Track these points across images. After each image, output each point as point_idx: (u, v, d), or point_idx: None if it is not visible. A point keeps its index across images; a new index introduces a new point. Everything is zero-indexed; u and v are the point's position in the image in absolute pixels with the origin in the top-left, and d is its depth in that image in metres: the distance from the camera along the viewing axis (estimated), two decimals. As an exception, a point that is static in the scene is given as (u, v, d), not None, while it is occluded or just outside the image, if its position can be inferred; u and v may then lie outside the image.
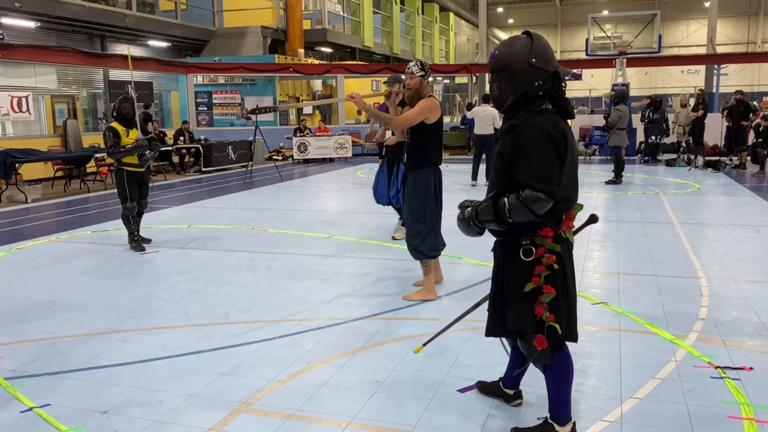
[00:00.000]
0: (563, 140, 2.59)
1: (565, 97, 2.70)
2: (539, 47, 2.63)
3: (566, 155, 2.59)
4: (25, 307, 4.99)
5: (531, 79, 2.62)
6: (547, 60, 2.62)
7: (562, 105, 2.68)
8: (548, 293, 2.61)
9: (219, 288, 5.44)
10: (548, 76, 2.62)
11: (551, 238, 2.63)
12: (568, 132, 2.64)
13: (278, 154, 18.55)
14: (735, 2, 37.77)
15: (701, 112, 15.06)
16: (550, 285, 2.61)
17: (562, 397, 2.76)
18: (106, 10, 17.37)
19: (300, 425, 3.05)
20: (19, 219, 9.35)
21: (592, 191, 11.08)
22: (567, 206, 2.68)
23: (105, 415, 3.18)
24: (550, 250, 2.62)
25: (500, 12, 42.76)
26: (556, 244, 2.63)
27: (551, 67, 2.63)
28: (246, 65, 19.18)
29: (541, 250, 2.62)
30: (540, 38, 2.67)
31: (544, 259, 2.61)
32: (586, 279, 5.54)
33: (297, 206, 10.08)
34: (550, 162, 2.56)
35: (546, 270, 2.61)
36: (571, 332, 2.70)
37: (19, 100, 13.21)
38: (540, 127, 2.58)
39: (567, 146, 2.60)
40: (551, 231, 2.62)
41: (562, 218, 2.66)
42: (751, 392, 3.28)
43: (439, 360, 3.72)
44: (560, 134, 2.59)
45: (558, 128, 2.60)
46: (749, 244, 6.76)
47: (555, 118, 2.64)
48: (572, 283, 2.72)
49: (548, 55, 2.64)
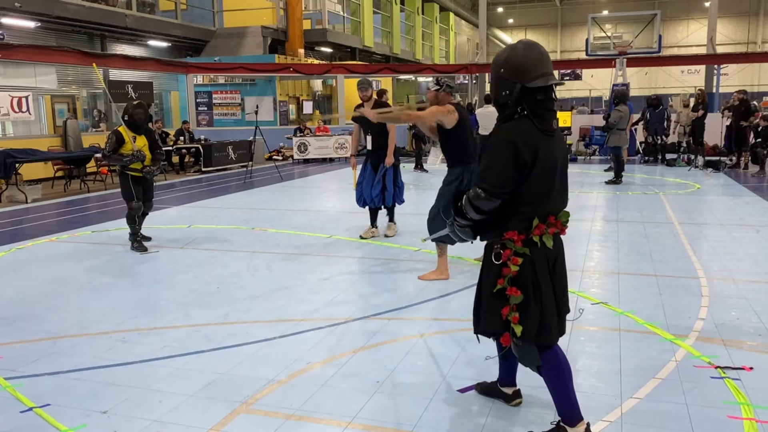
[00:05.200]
0: (531, 150, 2.64)
1: (541, 113, 2.70)
2: (515, 59, 2.69)
3: (533, 164, 2.65)
4: (25, 307, 4.99)
5: (500, 88, 2.73)
6: (518, 72, 2.66)
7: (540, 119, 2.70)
8: (513, 295, 2.69)
9: (219, 288, 5.44)
10: (517, 88, 2.66)
11: (520, 242, 2.70)
12: (543, 143, 2.68)
13: (278, 154, 18.55)
14: (735, 2, 37.77)
15: (701, 112, 15.06)
16: (516, 287, 2.69)
17: (563, 396, 2.77)
18: (106, 10, 17.37)
19: (300, 425, 3.05)
20: (19, 219, 9.36)
21: (592, 191, 11.08)
22: (539, 212, 2.73)
23: (105, 415, 3.18)
24: (516, 253, 2.70)
25: (500, 12, 42.76)
26: (526, 247, 2.70)
27: (522, 80, 2.65)
28: (246, 65, 19.18)
29: (507, 253, 2.71)
30: (526, 50, 2.71)
31: (509, 262, 2.70)
32: (586, 279, 5.54)
33: (297, 206, 10.08)
34: (500, 166, 2.65)
35: (512, 272, 2.69)
36: (546, 333, 2.73)
37: (19, 100, 13.22)
38: (506, 135, 2.68)
39: (536, 157, 2.65)
40: (517, 234, 2.70)
41: (534, 223, 2.71)
42: (751, 392, 3.28)
43: (439, 360, 3.72)
44: (528, 144, 2.64)
45: (527, 138, 2.65)
46: (749, 244, 6.76)
47: (527, 128, 2.68)
48: (548, 285, 2.75)
49: (523, 68, 2.66)
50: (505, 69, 2.70)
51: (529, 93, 2.67)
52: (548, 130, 2.71)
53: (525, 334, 2.71)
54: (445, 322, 4.47)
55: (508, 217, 2.72)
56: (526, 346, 2.75)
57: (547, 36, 45.99)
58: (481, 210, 2.71)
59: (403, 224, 7.74)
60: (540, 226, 2.73)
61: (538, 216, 2.72)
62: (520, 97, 2.68)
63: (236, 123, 19.68)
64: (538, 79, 2.66)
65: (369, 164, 7.21)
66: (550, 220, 2.76)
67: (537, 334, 2.72)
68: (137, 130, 6.85)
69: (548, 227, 2.75)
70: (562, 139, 2.90)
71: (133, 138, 6.77)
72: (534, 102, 2.69)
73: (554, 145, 2.75)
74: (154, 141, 7.06)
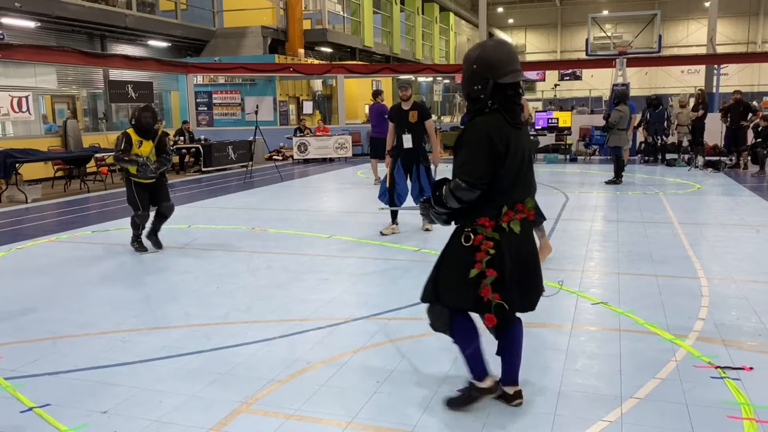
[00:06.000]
0: (504, 142, 2.84)
1: (511, 108, 2.91)
2: (487, 55, 2.88)
3: (506, 155, 2.84)
4: (25, 307, 4.98)
5: (471, 83, 2.91)
6: (491, 68, 2.85)
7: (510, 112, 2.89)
8: (491, 275, 2.88)
9: (219, 288, 5.44)
10: (489, 83, 2.84)
11: (490, 227, 2.89)
12: (513, 135, 2.87)
13: (278, 154, 18.55)
14: (735, 2, 37.79)
15: (701, 112, 15.06)
16: (492, 268, 2.88)
17: (471, 357, 3.08)
18: (106, 10, 17.37)
19: (300, 425, 3.05)
20: (19, 219, 9.35)
21: (592, 191, 11.08)
22: (508, 200, 2.91)
23: (105, 415, 3.18)
24: (488, 237, 2.88)
25: (500, 12, 42.78)
26: (495, 232, 2.89)
27: (494, 77, 2.84)
28: (246, 65, 19.17)
29: (479, 238, 2.89)
30: (496, 48, 2.91)
31: (482, 246, 2.88)
32: (586, 279, 5.54)
33: (297, 206, 10.08)
34: (478, 159, 2.84)
35: (486, 255, 2.87)
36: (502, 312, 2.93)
37: (19, 100, 13.22)
38: (480, 128, 2.87)
39: (508, 148, 2.84)
40: (488, 221, 2.89)
41: (503, 210, 2.89)
42: (751, 392, 3.28)
43: (439, 360, 3.72)
44: (501, 136, 2.84)
45: (500, 131, 2.85)
46: (749, 244, 6.76)
47: (499, 122, 2.87)
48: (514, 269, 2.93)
49: (495, 64, 2.85)
50: (478, 65, 2.87)
51: (500, 88, 2.86)
52: (517, 123, 2.92)
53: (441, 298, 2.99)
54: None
55: (482, 205, 2.90)
56: (440, 310, 3.03)
57: (547, 36, 46.01)
58: (462, 200, 2.88)
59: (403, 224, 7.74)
60: (509, 213, 2.91)
61: (507, 204, 2.91)
62: (492, 92, 2.85)
63: (236, 123, 19.67)
64: (508, 75, 2.85)
65: (401, 164, 7.34)
66: (518, 207, 2.94)
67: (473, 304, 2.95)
68: (145, 134, 6.64)
69: (516, 214, 2.92)
70: (528, 131, 3.09)
71: (139, 143, 6.59)
72: (504, 97, 2.88)
73: (522, 137, 2.96)
74: (163, 145, 6.80)
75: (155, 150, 6.70)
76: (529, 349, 3.95)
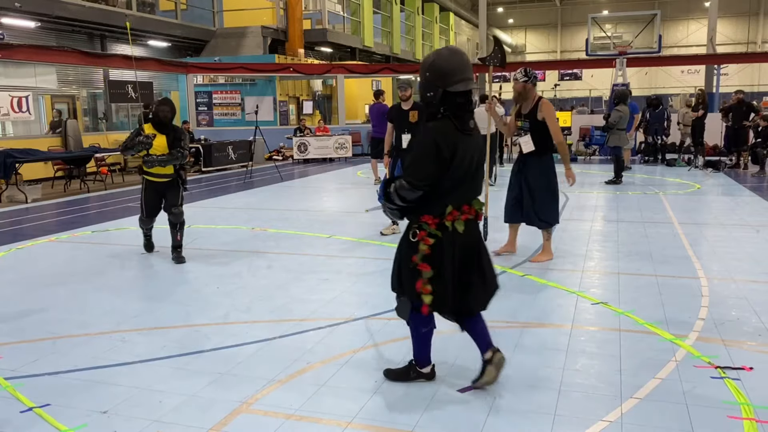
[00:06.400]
0: (450, 148, 3.00)
1: (461, 115, 3.05)
2: (439, 64, 3.02)
3: (453, 159, 3.01)
4: (25, 307, 4.99)
5: (425, 90, 3.07)
6: (442, 76, 3.00)
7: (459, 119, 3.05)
8: (424, 270, 3.08)
9: (219, 288, 5.44)
10: (439, 91, 3.00)
11: (434, 225, 3.08)
12: (461, 142, 3.04)
13: (278, 154, 18.55)
14: (735, 2, 37.78)
15: (701, 112, 15.06)
16: (427, 264, 3.07)
17: (419, 345, 3.35)
18: (106, 10, 17.37)
19: (300, 425, 3.05)
20: (19, 219, 9.36)
21: (592, 191, 11.08)
22: (454, 201, 3.09)
23: (105, 415, 3.18)
24: (430, 234, 3.08)
25: (500, 12, 42.77)
26: (438, 231, 3.07)
27: (444, 85, 2.99)
28: (246, 65, 19.17)
29: (422, 234, 3.09)
30: (449, 57, 3.04)
31: (423, 242, 3.08)
32: (586, 279, 5.54)
33: (297, 206, 10.08)
34: (423, 162, 3.02)
35: (425, 251, 3.08)
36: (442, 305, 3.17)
37: (19, 100, 13.21)
38: (429, 134, 3.04)
39: (455, 153, 3.01)
40: (432, 218, 3.07)
41: (447, 210, 3.07)
42: (751, 392, 3.28)
43: (439, 360, 3.72)
44: (447, 142, 3.00)
45: (447, 136, 3.01)
46: (749, 244, 6.76)
47: (447, 127, 3.03)
48: (451, 265, 3.11)
49: (446, 72, 2.99)
50: (431, 73, 3.03)
51: (450, 96, 3.01)
52: (466, 130, 3.07)
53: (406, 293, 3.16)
54: (444, 321, 4.45)
55: (428, 203, 3.09)
56: (405, 301, 3.21)
57: (547, 36, 45.99)
58: (405, 199, 3.08)
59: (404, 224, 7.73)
60: (453, 213, 3.08)
61: (452, 204, 3.08)
62: (442, 99, 3.01)
63: (236, 123, 19.67)
64: (458, 84, 3.00)
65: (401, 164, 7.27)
66: (464, 208, 3.12)
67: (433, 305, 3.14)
68: (162, 128, 6.31)
69: (461, 214, 3.10)
70: (479, 137, 3.21)
71: (153, 136, 6.25)
72: (454, 104, 3.03)
73: (472, 142, 3.11)
74: (177, 140, 6.36)
75: (169, 146, 6.33)
76: (529, 349, 3.96)
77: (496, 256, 6.31)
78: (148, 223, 6.58)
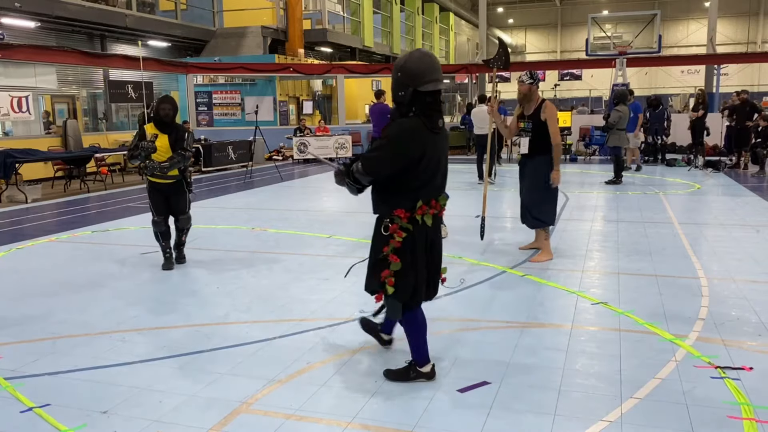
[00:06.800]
0: (419, 146, 3.15)
1: (430, 114, 3.20)
2: (410, 65, 3.17)
3: (422, 157, 3.16)
4: (25, 308, 4.99)
5: (396, 89, 3.22)
6: (413, 77, 3.15)
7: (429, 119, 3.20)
8: (393, 262, 3.23)
9: (219, 288, 5.44)
10: (409, 90, 3.15)
11: (405, 219, 3.23)
12: (430, 140, 3.19)
13: (278, 154, 18.55)
14: (735, 2, 37.78)
15: (701, 112, 15.06)
16: (397, 256, 3.23)
17: (416, 343, 3.43)
18: (106, 10, 17.36)
19: (300, 425, 3.05)
20: (19, 219, 9.35)
21: (592, 191, 11.08)
22: (424, 196, 3.24)
23: (105, 415, 3.18)
24: (401, 227, 3.23)
25: (500, 12, 42.76)
26: (409, 224, 3.23)
27: (414, 84, 3.14)
28: (246, 65, 19.17)
29: (394, 227, 3.23)
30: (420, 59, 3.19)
31: (395, 235, 3.23)
32: (586, 279, 5.54)
33: (297, 206, 10.08)
34: (384, 154, 3.17)
35: (395, 243, 3.23)
36: (417, 296, 3.34)
37: (19, 100, 13.21)
38: (396, 129, 3.19)
39: (425, 151, 3.17)
40: (403, 213, 3.22)
41: (417, 205, 3.22)
42: (751, 392, 3.28)
43: (439, 360, 3.72)
44: (416, 140, 3.15)
45: (416, 134, 3.16)
46: (749, 244, 6.76)
47: (417, 126, 3.17)
48: (423, 257, 3.32)
49: (417, 73, 3.14)
50: (402, 73, 3.18)
51: (420, 95, 3.16)
52: (435, 128, 3.22)
53: (396, 295, 3.28)
54: (444, 322, 4.47)
55: (399, 198, 3.24)
56: (395, 302, 3.32)
57: (547, 36, 46.00)
58: (359, 181, 3.26)
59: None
60: (423, 207, 3.25)
61: (422, 199, 3.24)
62: (412, 98, 3.16)
63: (236, 123, 19.67)
64: (428, 84, 3.15)
65: None
66: (432, 203, 3.29)
67: (411, 296, 3.31)
68: (165, 128, 5.98)
69: (429, 209, 3.27)
70: (447, 136, 3.38)
71: (153, 137, 5.93)
72: (424, 103, 3.18)
73: (440, 141, 3.27)
74: (180, 140, 6.04)
75: (171, 146, 5.98)
76: (529, 349, 3.96)
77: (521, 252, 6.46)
78: (162, 225, 6.15)
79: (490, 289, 5.27)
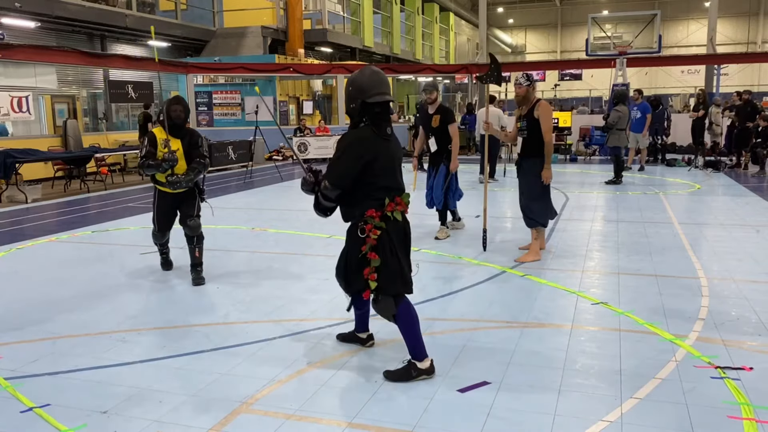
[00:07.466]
0: (371, 152, 3.42)
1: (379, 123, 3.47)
2: (360, 80, 3.48)
3: (374, 161, 3.41)
4: (25, 307, 4.99)
5: (348, 102, 3.53)
6: (362, 91, 3.45)
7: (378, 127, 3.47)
8: (373, 259, 3.44)
9: (219, 288, 5.44)
10: (358, 101, 3.45)
11: (378, 217, 3.45)
12: (382, 145, 3.47)
13: (278, 154, 18.55)
14: (735, 2, 37.76)
15: (701, 112, 15.04)
16: (375, 253, 3.43)
17: (413, 339, 3.52)
18: (106, 10, 17.36)
19: (300, 425, 3.05)
20: (19, 219, 9.35)
21: (592, 191, 11.08)
22: (388, 194, 3.47)
23: (105, 415, 3.18)
24: (376, 226, 3.44)
25: (500, 12, 42.74)
26: (382, 222, 3.45)
27: (363, 97, 3.44)
28: (246, 65, 19.16)
29: (369, 227, 3.44)
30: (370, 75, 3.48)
31: (371, 233, 3.43)
32: (586, 279, 5.54)
33: (297, 206, 10.08)
34: (343, 164, 3.44)
35: (371, 242, 3.43)
36: (406, 284, 3.54)
37: (19, 100, 13.21)
38: (348, 139, 3.47)
39: (377, 156, 3.43)
40: (375, 212, 3.44)
41: (385, 202, 3.45)
42: (751, 392, 3.28)
43: (439, 360, 3.72)
44: (368, 146, 3.42)
45: (365, 141, 3.44)
46: (749, 244, 6.76)
47: (367, 134, 3.46)
48: (403, 249, 3.55)
49: (365, 87, 3.44)
50: (353, 87, 3.50)
51: (369, 107, 3.46)
52: (384, 135, 3.50)
53: (386, 288, 3.46)
54: (444, 322, 4.47)
55: (366, 201, 3.46)
56: (385, 300, 3.49)
57: (547, 36, 45.99)
58: (328, 197, 3.52)
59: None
60: (390, 204, 3.48)
61: (388, 197, 3.47)
62: (362, 109, 3.46)
63: (236, 123, 19.67)
64: (376, 96, 3.44)
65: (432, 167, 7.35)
66: (397, 200, 3.52)
67: (403, 285, 3.50)
68: (176, 131, 5.50)
69: (397, 206, 3.50)
70: (398, 141, 3.66)
71: (164, 142, 5.45)
72: (373, 114, 3.48)
73: (392, 145, 3.55)
74: (194, 146, 5.58)
75: (185, 152, 5.56)
76: (529, 349, 3.96)
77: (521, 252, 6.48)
78: (161, 238, 5.90)
79: (490, 289, 5.27)
